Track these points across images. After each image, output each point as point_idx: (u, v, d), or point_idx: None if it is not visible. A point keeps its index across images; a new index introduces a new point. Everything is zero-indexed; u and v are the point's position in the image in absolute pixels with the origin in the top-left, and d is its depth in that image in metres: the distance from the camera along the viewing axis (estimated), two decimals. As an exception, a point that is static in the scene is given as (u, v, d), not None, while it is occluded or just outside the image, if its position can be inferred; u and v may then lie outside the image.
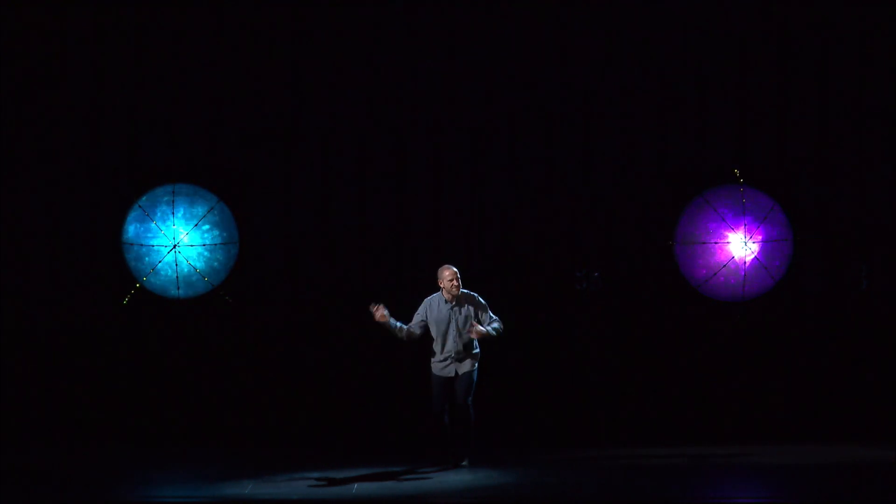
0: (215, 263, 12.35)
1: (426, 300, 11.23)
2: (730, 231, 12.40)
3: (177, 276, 12.25)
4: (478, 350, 11.21)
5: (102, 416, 12.70)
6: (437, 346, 11.18)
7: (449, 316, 11.12)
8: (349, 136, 12.92)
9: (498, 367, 12.47)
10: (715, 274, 12.41)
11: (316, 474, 10.85)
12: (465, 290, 11.21)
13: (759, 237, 12.38)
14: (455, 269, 11.15)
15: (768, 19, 12.94)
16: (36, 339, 12.75)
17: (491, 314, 11.18)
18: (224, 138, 12.86)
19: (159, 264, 12.24)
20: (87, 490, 10.42)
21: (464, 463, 11.17)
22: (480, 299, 11.19)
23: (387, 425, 12.69)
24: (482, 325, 11.08)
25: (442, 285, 11.17)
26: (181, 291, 12.33)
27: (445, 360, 11.13)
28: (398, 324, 11.13)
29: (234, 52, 12.84)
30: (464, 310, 11.14)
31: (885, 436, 12.32)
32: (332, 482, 10.56)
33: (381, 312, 11.00)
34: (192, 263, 12.25)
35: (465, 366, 11.15)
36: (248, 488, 10.33)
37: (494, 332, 11.10)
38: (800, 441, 12.29)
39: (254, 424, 12.73)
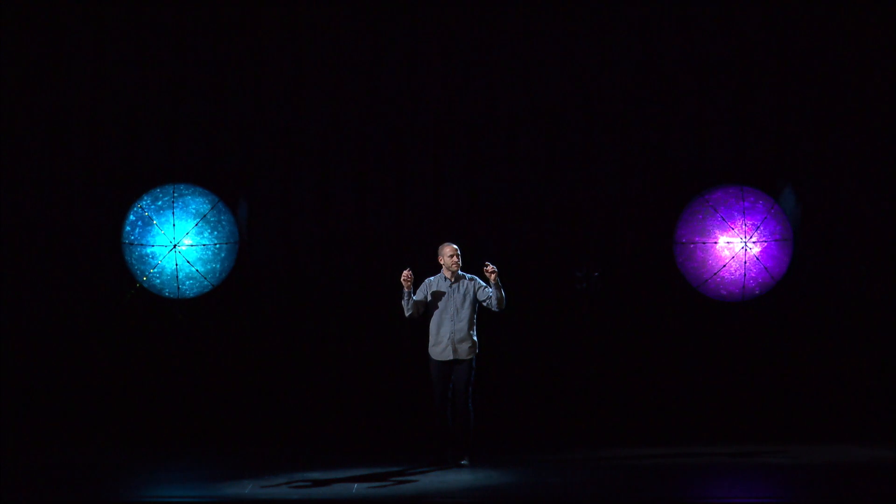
0: (215, 263, 12.34)
1: (427, 280, 11.27)
2: (729, 231, 12.40)
3: (176, 276, 12.25)
4: (476, 339, 11.20)
5: (102, 415, 12.70)
6: (433, 328, 11.20)
7: (448, 294, 11.16)
8: (349, 136, 12.93)
9: (498, 367, 12.48)
10: (715, 274, 12.41)
11: (316, 474, 10.85)
12: (465, 273, 11.24)
13: (759, 237, 12.37)
14: (455, 247, 11.20)
15: (768, 18, 12.94)
16: (36, 338, 12.75)
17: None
18: (224, 138, 12.86)
19: (159, 264, 12.24)
20: (87, 490, 10.42)
21: (463, 462, 11.17)
22: (480, 280, 11.22)
23: (387, 425, 12.69)
24: (482, 302, 11.17)
25: (442, 262, 11.23)
26: (181, 291, 12.32)
27: (443, 341, 11.13)
28: (413, 297, 11.15)
29: (234, 51, 12.84)
30: (462, 289, 11.18)
31: (885, 436, 12.32)
32: (332, 482, 10.56)
33: (408, 282, 11.02)
34: (191, 263, 12.25)
35: (463, 351, 11.14)
36: (248, 488, 10.33)
37: (502, 290, 11.08)
38: (800, 441, 12.29)
39: (254, 424, 12.74)
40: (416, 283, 11.22)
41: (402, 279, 11.04)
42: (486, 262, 11.08)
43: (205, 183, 12.53)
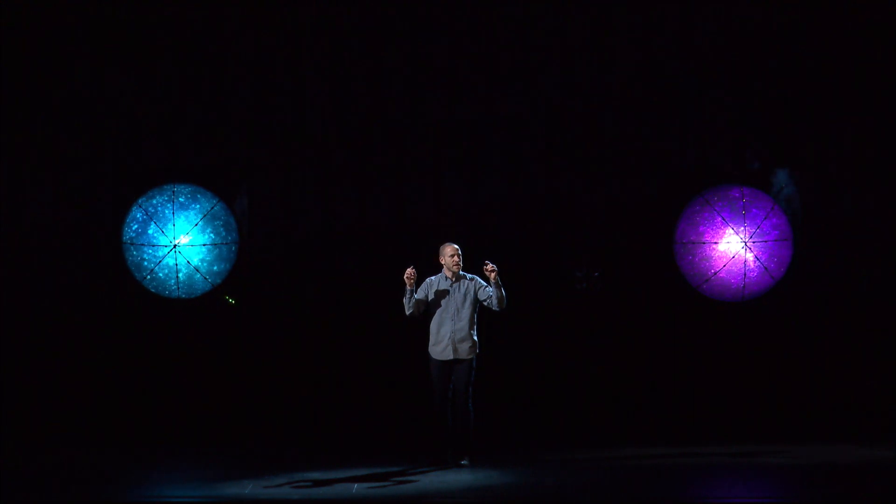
0: (215, 263, 12.34)
1: (428, 279, 11.28)
2: (730, 231, 12.39)
3: (177, 276, 12.25)
4: (476, 339, 11.21)
5: (103, 415, 12.70)
6: (434, 327, 11.21)
7: (449, 294, 11.18)
8: (349, 136, 12.93)
9: (498, 367, 12.48)
10: (715, 274, 12.41)
11: (316, 474, 10.85)
12: (466, 273, 11.26)
13: (759, 237, 12.37)
14: (456, 246, 11.22)
15: (769, 18, 12.94)
16: (36, 338, 12.75)
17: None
18: (224, 138, 12.87)
19: (159, 264, 12.23)
20: (87, 490, 10.42)
21: (463, 462, 11.17)
22: (480, 280, 11.24)
23: (386, 425, 12.70)
24: (482, 301, 11.21)
25: (443, 262, 11.25)
26: (181, 291, 12.32)
27: (443, 340, 11.15)
28: (415, 295, 11.16)
29: (234, 51, 12.84)
30: (463, 288, 11.20)
31: (885, 436, 12.33)
32: (332, 482, 10.56)
33: (411, 279, 11.03)
34: (191, 263, 12.25)
35: (464, 351, 11.16)
36: (248, 488, 10.33)
37: (502, 290, 11.09)
38: (800, 441, 12.29)
39: (254, 424, 12.74)
40: (418, 283, 11.23)
41: (405, 276, 11.05)
42: (486, 262, 11.09)
43: (205, 183, 12.52)
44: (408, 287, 11.10)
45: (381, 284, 12.57)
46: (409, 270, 11.04)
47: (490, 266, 11.05)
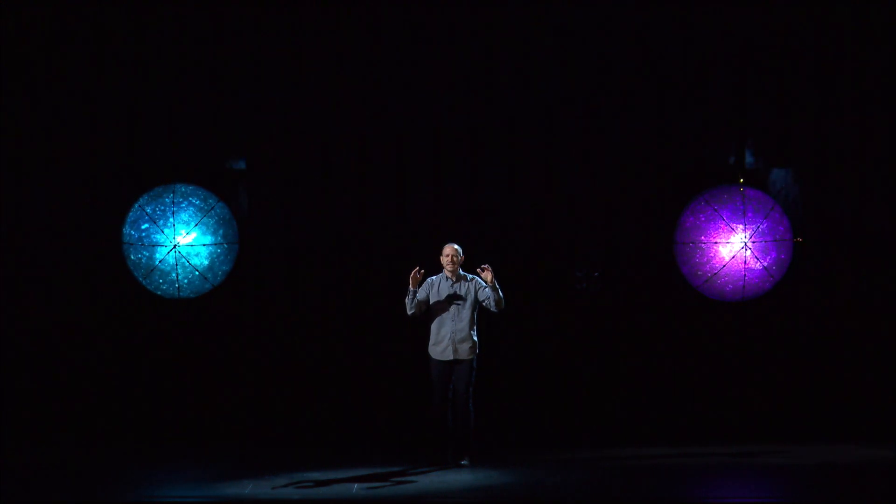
0: (216, 263, 12.33)
1: (429, 279, 11.31)
2: (730, 231, 12.39)
3: (177, 276, 12.25)
4: (476, 339, 11.23)
5: (103, 415, 12.70)
6: (434, 328, 11.25)
7: (449, 294, 11.18)
8: (348, 136, 12.92)
9: (498, 367, 12.48)
10: (715, 274, 12.40)
11: (316, 474, 10.85)
12: (468, 274, 11.27)
13: (760, 237, 12.37)
14: (456, 247, 11.32)
15: (769, 17, 12.94)
16: (36, 338, 12.75)
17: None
18: (224, 138, 12.86)
19: (158, 264, 12.23)
20: (87, 490, 10.42)
21: (464, 462, 11.18)
22: (481, 281, 11.28)
23: (386, 425, 12.70)
24: (481, 302, 11.29)
25: (442, 262, 11.26)
26: (181, 292, 12.32)
27: (443, 341, 11.17)
28: (418, 296, 11.21)
29: (234, 51, 12.84)
30: (463, 289, 11.22)
31: (885, 436, 12.33)
32: (332, 482, 10.57)
33: (416, 280, 11.09)
34: (191, 263, 12.24)
35: (464, 351, 11.19)
36: (248, 488, 10.33)
37: (499, 292, 11.14)
38: (800, 441, 12.29)
39: (254, 424, 12.74)
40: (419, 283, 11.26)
41: (411, 277, 11.09)
42: (483, 265, 11.11)
43: (205, 183, 12.52)
44: (411, 287, 11.14)
45: (381, 284, 12.58)
46: (414, 272, 11.10)
47: (486, 269, 11.07)
